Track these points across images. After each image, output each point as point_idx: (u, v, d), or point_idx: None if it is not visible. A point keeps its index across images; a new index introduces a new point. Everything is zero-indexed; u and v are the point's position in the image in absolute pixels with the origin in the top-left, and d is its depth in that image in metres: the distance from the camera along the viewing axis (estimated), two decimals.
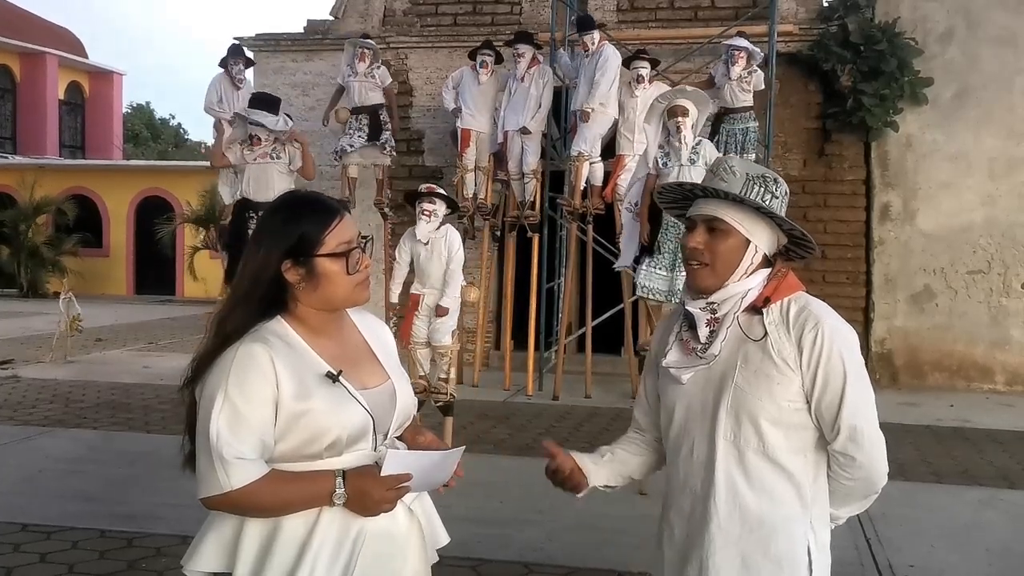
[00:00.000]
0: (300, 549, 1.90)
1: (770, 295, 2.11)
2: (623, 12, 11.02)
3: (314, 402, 1.91)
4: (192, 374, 1.96)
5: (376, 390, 2.03)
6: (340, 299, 2.03)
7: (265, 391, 1.88)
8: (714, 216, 2.12)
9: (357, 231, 2.05)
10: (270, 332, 1.96)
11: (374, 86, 9.67)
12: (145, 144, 39.15)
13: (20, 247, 20.43)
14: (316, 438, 1.92)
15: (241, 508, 1.90)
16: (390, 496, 1.92)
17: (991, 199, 10.24)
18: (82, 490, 5.75)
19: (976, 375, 10.28)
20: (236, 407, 1.86)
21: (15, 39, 27.02)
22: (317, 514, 1.92)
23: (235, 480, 1.85)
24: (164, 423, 7.63)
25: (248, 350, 1.90)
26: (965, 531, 5.34)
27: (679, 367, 2.17)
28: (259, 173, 8.32)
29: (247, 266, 2.01)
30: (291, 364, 1.92)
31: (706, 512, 2.10)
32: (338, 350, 2.03)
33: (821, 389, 2.05)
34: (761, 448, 2.07)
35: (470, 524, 4.92)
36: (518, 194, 9.69)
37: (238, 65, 9.58)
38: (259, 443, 1.88)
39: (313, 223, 1.99)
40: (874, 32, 9.95)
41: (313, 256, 1.97)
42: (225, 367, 1.89)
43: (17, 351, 11.71)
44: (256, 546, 1.92)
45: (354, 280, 2.01)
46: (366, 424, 1.97)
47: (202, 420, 1.89)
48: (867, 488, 2.16)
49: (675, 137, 6.68)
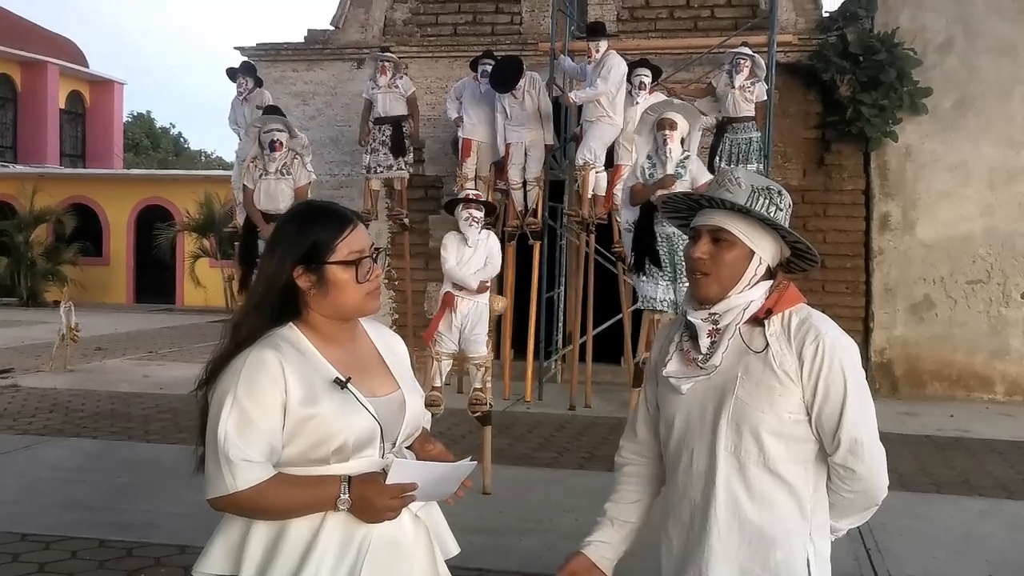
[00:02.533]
0: (304, 553, 1.92)
1: (772, 307, 2.11)
2: (623, 22, 11.06)
3: (322, 407, 1.93)
4: (206, 377, 2.00)
5: (385, 398, 2.05)
6: (350, 307, 2.04)
7: (274, 396, 1.91)
8: (719, 227, 2.11)
9: (370, 241, 2.08)
10: (282, 338, 2.00)
11: (398, 96, 9.85)
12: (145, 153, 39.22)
13: (20, 256, 20.45)
14: (323, 442, 1.94)
15: (246, 510, 1.93)
16: (394, 504, 1.93)
17: (990, 209, 10.25)
18: (81, 499, 5.73)
19: (976, 385, 10.27)
20: (245, 411, 1.89)
21: (16, 48, 27.08)
22: (322, 519, 1.94)
23: (240, 482, 1.87)
24: (164, 432, 7.62)
25: (259, 355, 1.94)
26: (965, 541, 5.34)
27: (679, 377, 2.17)
28: (269, 187, 8.48)
29: (261, 272, 2.05)
30: (301, 370, 1.95)
31: (705, 523, 2.10)
32: (348, 358, 2.05)
33: (822, 401, 2.05)
34: (762, 460, 2.07)
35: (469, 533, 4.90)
36: (518, 203, 9.70)
37: (241, 80, 9.98)
38: (267, 446, 1.91)
39: (326, 231, 2.02)
40: (873, 42, 9.98)
41: (324, 263, 2.00)
42: (236, 371, 1.93)
43: (17, 360, 11.71)
44: (261, 550, 1.94)
45: (364, 289, 2.03)
46: (373, 431, 1.98)
47: (211, 422, 1.92)
48: (867, 501, 2.16)
49: (662, 150, 6.71)
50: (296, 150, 8.64)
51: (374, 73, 9.94)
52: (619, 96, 8.96)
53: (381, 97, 9.83)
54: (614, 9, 11.07)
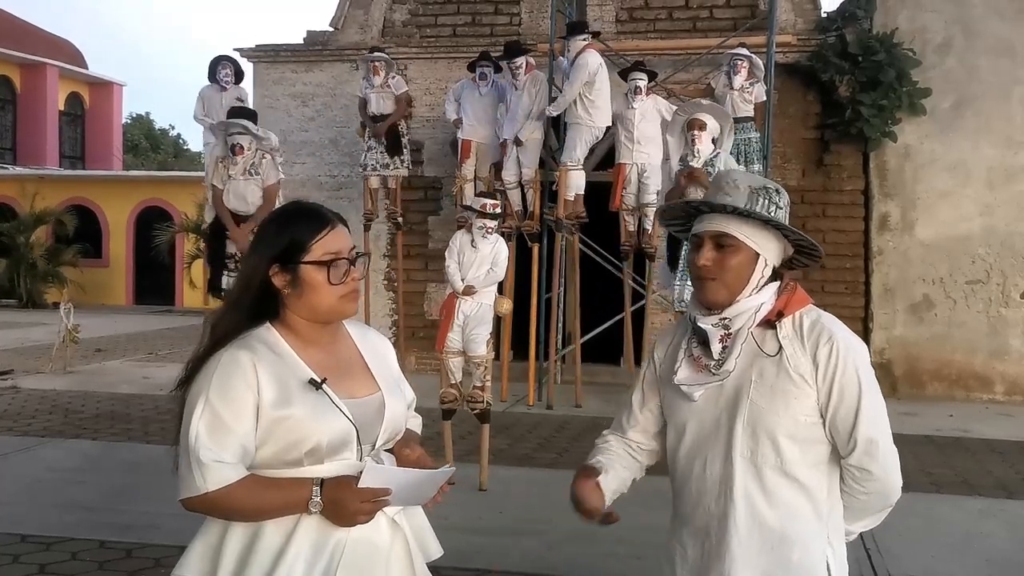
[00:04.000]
0: (277, 556, 1.91)
1: (783, 309, 2.10)
2: (622, 23, 11.06)
3: (294, 409, 1.92)
4: (184, 376, 2.00)
5: (363, 400, 2.03)
6: (324, 308, 2.03)
7: (246, 397, 1.90)
8: (722, 232, 2.10)
9: (350, 244, 2.06)
10: (257, 339, 1.99)
11: (391, 95, 9.92)
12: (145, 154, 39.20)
13: (20, 258, 20.44)
14: (296, 444, 1.93)
15: (218, 511, 1.93)
16: (365, 508, 1.92)
17: (989, 209, 10.25)
18: (81, 500, 5.74)
19: (975, 385, 10.27)
20: (216, 411, 1.89)
21: (16, 50, 27.07)
22: (295, 522, 1.93)
23: (211, 483, 1.87)
24: (163, 433, 7.62)
25: (232, 356, 1.93)
26: (965, 541, 5.34)
27: (691, 384, 2.14)
28: (238, 188, 8.21)
29: (242, 271, 2.07)
30: (275, 371, 1.94)
31: (724, 531, 2.08)
32: (327, 359, 2.03)
33: (837, 403, 2.04)
34: (779, 464, 2.06)
35: (469, 534, 4.91)
36: (514, 203, 9.70)
37: (226, 69, 9.85)
38: (238, 448, 1.90)
39: (303, 230, 2.01)
40: (872, 43, 9.98)
41: (299, 263, 1.99)
42: (209, 372, 1.93)
43: (16, 361, 11.71)
44: (237, 553, 1.94)
45: (338, 291, 2.02)
46: (348, 433, 1.97)
47: (184, 423, 1.93)
48: (882, 502, 2.16)
49: (690, 149, 6.76)
50: (264, 149, 8.42)
51: (367, 73, 10.00)
52: (598, 96, 8.91)
53: (375, 97, 9.89)
54: (613, 10, 11.07)
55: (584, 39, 9.15)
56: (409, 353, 10.88)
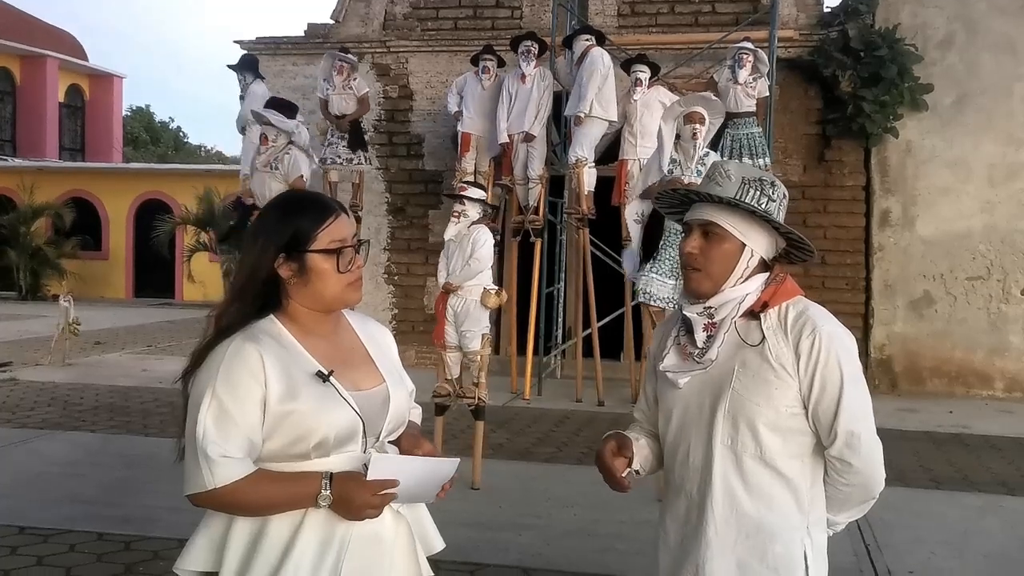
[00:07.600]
0: (284, 551, 1.90)
1: (768, 300, 2.10)
2: (624, 17, 11.04)
3: (302, 402, 1.91)
4: (189, 366, 1.97)
5: (368, 392, 2.02)
6: (330, 297, 2.02)
7: (253, 390, 1.88)
8: (709, 220, 2.11)
9: (353, 232, 2.05)
10: (262, 331, 1.97)
11: (352, 96, 9.74)
12: (145, 147, 39.20)
13: (20, 250, 20.43)
14: (303, 438, 1.91)
15: (226, 506, 1.91)
16: (374, 502, 1.91)
17: (990, 205, 10.24)
18: (80, 493, 5.74)
19: (975, 381, 10.27)
20: (223, 405, 1.87)
21: (15, 42, 27.05)
22: (303, 516, 1.92)
23: (219, 478, 1.85)
24: (162, 426, 7.62)
25: (238, 348, 1.91)
26: (964, 537, 5.34)
27: (676, 371, 2.17)
28: (261, 180, 8.42)
29: (244, 261, 2.03)
30: (281, 363, 1.92)
31: (702, 517, 2.09)
32: (331, 350, 2.02)
33: (818, 394, 2.05)
34: (758, 453, 2.07)
35: (468, 529, 4.92)
36: (522, 199, 9.68)
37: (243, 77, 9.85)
38: (246, 442, 1.88)
39: (307, 219, 1.99)
40: (874, 38, 9.96)
41: (305, 251, 1.98)
42: (215, 364, 1.90)
43: (16, 353, 11.71)
44: (242, 547, 1.92)
45: (344, 279, 2.01)
46: (355, 426, 1.96)
47: (190, 417, 1.90)
48: (864, 494, 2.15)
49: (689, 143, 6.72)
50: (298, 144, 8.54)
51: (329, 72, 9.73)
52: (606, 91, 8.93)
53: (335, 98, 9.71)
54: (615, 4, 11.04)
55: (588, 40, 9.16)
56: (409, 347, 10.88)
